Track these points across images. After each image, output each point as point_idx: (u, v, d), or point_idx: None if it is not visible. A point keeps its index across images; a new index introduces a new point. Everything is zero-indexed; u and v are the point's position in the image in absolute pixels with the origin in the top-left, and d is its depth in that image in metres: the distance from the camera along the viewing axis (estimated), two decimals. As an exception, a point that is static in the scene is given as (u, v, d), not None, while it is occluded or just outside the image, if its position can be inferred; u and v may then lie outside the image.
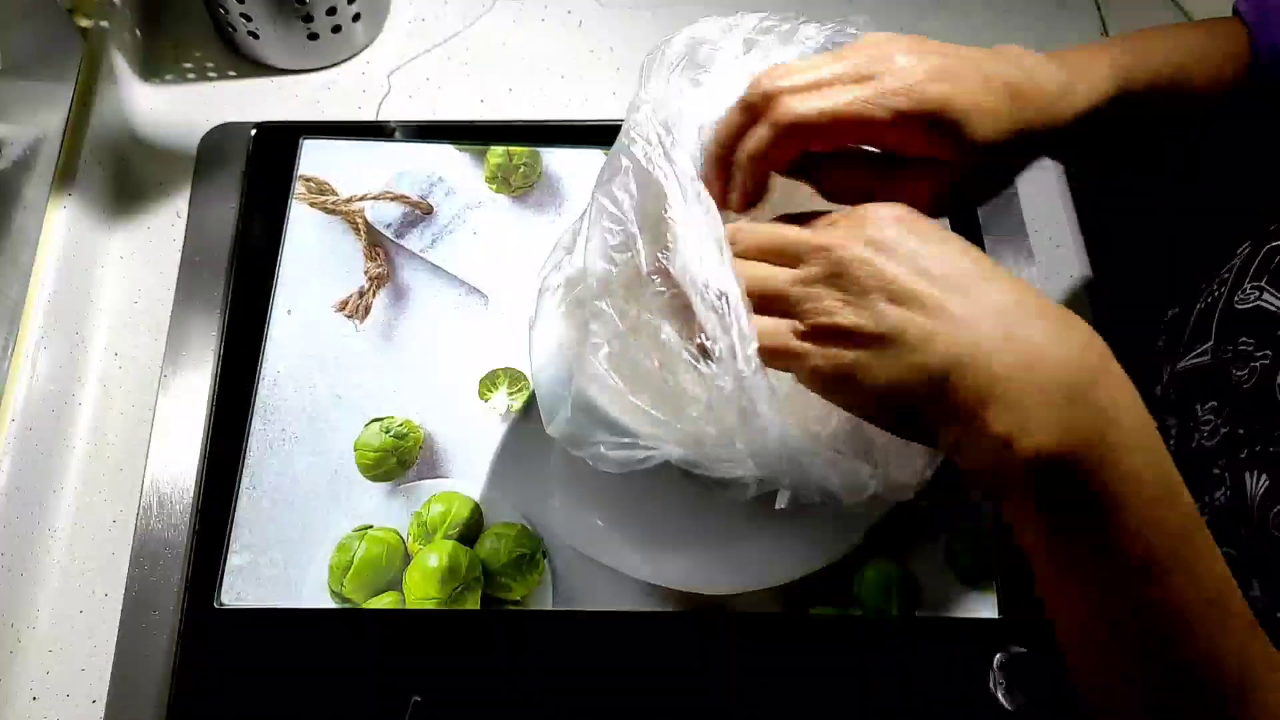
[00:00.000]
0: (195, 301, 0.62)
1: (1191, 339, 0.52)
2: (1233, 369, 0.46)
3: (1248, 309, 0.46)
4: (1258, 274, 0.47)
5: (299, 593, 0.53)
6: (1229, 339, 0.47)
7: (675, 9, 0.76)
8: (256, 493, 0.55)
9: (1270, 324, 0.44)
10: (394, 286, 0.62)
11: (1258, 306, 0.45)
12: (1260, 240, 0.48)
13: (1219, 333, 0.48)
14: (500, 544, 0.54)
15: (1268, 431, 0.43)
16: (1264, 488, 0.42)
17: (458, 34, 0.74)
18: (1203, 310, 0.52)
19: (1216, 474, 0.46)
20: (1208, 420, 0.48)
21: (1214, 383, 0.48)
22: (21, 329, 0.55)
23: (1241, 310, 0.47)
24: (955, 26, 0.75)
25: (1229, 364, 0.46)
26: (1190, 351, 0.51)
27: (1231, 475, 0.45)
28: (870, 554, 0.55)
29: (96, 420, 0.59)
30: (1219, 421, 0.47)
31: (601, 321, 0.39)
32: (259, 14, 0.65)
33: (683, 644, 0.54)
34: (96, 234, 0.63)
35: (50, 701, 0.52)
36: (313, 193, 0.64)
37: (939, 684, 0.53)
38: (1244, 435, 0.45)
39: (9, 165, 0.55)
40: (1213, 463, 0.47)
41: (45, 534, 0.55)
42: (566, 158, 0.66)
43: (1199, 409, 0.49)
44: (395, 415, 0.57)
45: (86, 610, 0.54)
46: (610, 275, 0.39)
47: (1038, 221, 0.68)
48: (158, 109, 0.69)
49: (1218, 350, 0.48)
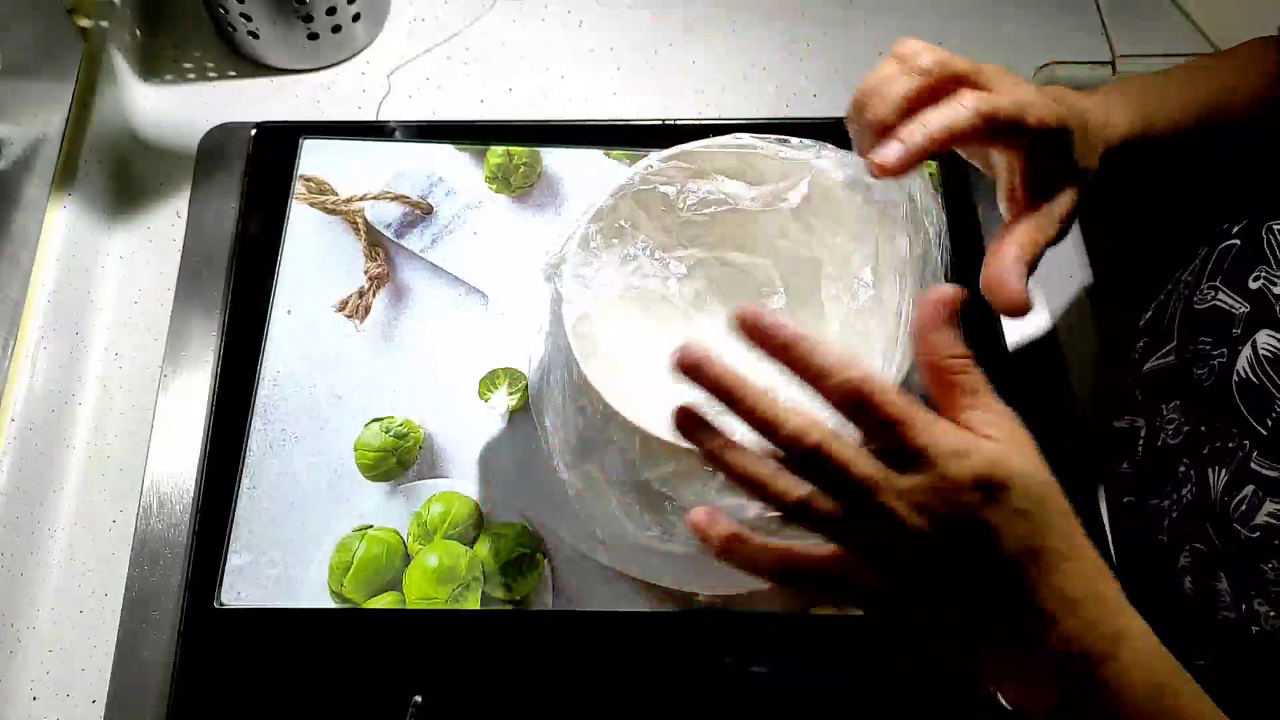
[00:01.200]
0: (195, 301, 0.62)
1: (1157, 341, 0.52)
2: (1194, 368, 0.47)
3: (1205, 309, 0.47)
4: (1213, 274, 0.48)
5: (299, 593, 0.53)
6: (1190, 339, 0.48)
7: (675, 9, 0.76)
8: (256, 493, 0.55)
9: (1225, 323, 0.45)
10: (394, 286, 0.62)
11: (1214, 306, 0.47)
12: (1215, 240, 0.49)
13: (1180, 333, 0.49)
14: (500, 544, 0.54)
15: (1226, 428, 0.44)
16: (1224, 482, 0.43)
17: (458, 34, 0.74)
18: (1167, 312, 0.52)
19: (1182, 472, 0.47)
20: (1172, 420, 0.49)
21: (1177, 382, 0.49)
22: (21, 329, 0.55)
23: (1200, 310, 0.48)
24: (954, 26, 0.75)
25: (1190, 363, 0.47)
26: (1155, 353, 0.52)
27: (1196, 472, 0.46)
28: (870, 554, 0.55)
29: (96, 420, 0.59)
30: (1182, 420, 0.48)
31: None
32: (259, 14, 0.65)
33: (682, 644, 0.54)
34: (96, 234, 0.63)
35: (50, 701, 0.52)
36: (313, 193, 0.64)
37: (939, 684, 0.53)
38: (1204, 432, 0.46)
39: (9, 165, 0.55)
40: (1178, 461, 0.48)
41: (45, 534, 0.55)
42: (566, 158, 0.66)
43: (1164, 409, 0.50)
44: (395, 415, 0.57)
45: (86, 610, 0.54)
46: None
47: (1038, 221, 0.68)
48: (158, 109, 0.69)
49: (1180, 350, 0.49)
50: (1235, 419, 0.43)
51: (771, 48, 0.74)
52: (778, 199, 0.49)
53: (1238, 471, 0.42)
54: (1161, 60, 0.74)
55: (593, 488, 0.47)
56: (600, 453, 0.45)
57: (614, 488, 0.45)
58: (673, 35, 0.75)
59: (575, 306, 0.45)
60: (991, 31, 0.75)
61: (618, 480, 0.45)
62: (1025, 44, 0.75)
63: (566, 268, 0.46)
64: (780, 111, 0.71)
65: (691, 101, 0.72)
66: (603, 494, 0.46)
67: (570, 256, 0.46)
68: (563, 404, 0.47)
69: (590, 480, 0.47)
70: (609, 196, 0.49)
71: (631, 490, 0.45)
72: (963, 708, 0.53)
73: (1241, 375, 0.43)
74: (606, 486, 0.46)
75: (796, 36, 0.75)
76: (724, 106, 0.71)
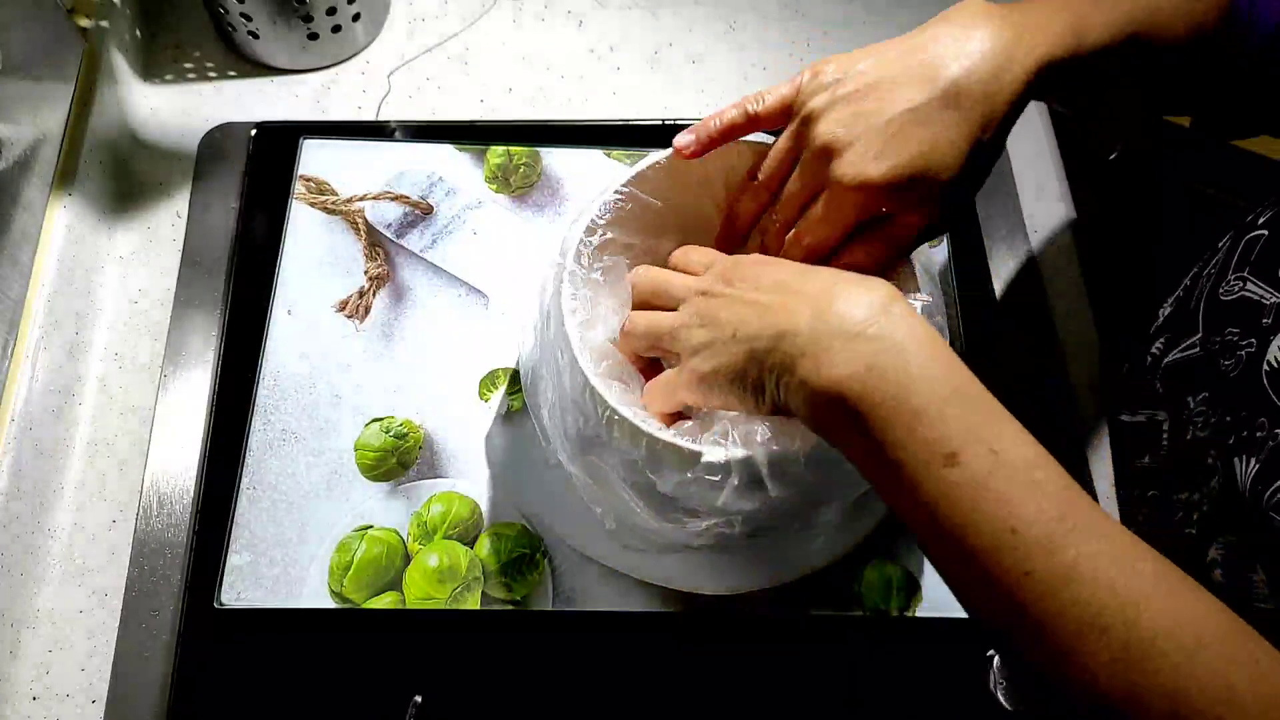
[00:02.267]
0: (195, 301, 0.62)
1: (1179, 333, 0.52)
2: (1220, 359, 0.47)
3: (1233, 300, 0.47)
4: (1239, 265, 0.48)
5: (299, 593, 0.53)
6: (1216, 330, 0.48)
7: (675, 9, 0.76)
8: (256, 493, 0.55)
9: (1255, 312, 0.45)
10: (394, 286, 0.62)
11: (1242, 297, 0.46)
12: (1241, 231, 0.48)
13: (1206, 325, 0.49)
14: (500, 544, 0.54)
15: (1254, 417, 0.44)
16: (1254, 471, 0.43)
17: (458, 34, 0.74)
18: (1189, 304, 0.52)
19: (1210, 463, 0.47)
20: (1200, 412, 0.49)
21: (1203, 374, 0.49)
22: (21, 329, 0.55)
23: (1226, 301, 0.48)
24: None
25: (1217, 355, 0.47)
26: (1177, 345, 0.52)
27: (1223, 464, 0.46)
28: (870, 554, 0.55)
29: (96, 420, 0.59)
30: (1209, 412, 0.47)
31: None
32: (259, 14, 0.65)
33: (683, 644, 0.54)
34: (96, 234, 0.63)
35: (50, 701, 0.52)
36: (313, 193, 0.64)
37: (938, 684, 0.53)
38: (1231, 422, 0.45)
39: (9, 165, 0.55)
40: (1205, 453, 0.48)
41: (45, 534, 0.55)
42: (566, 158, 0.66)
43: (1190, 401, 0.50)
44: (395, 415, 0.57)
45: (86, 610, 0.54)
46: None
47: (1037, 221, 0.68)
48: (158, 109, 0.69)
49: (1206, 342, 0.49)
50: (1266, 408, 0.43)
51: (771, 48, 0.74)
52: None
53: (1269, 461, 0.42)
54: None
55: (598, 478, 0.47)
56: (602, 450, 0.45)
57: (619, 483, 0.45)
58: (673, 35, 0.75)
59: (578, 315, 0.45)
60: (991, 31, 0.75)
61: (622, 478, 0.45)
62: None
63: (566, 274, 0.46)
64: (780, 111, 0.71)
65: (691, 101, 0.72)
66: (607, 484, 0.46)
67: (569, 263, 0.46)
68: (559, 402, 0.47)
69: (595, 470, 0.46)
70: (611, 193, 0.49)
71: (636, 490, 0.45)
72: (963, 708, 0.53)
73: (1273, 365, 0.43)
74: (611, 478, 0.46)
75: (796, 37, 0.75)
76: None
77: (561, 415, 0.46)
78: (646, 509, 0.45)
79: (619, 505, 0.47)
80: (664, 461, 0.42)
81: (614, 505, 0.48)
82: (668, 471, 0.42)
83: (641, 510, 0.46)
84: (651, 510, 0.45)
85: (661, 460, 0.42)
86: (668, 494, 0.43)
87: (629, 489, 0.45)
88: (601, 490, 0.48)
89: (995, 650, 0.52)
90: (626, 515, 0.48)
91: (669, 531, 0.46)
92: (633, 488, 0.45)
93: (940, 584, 0.54)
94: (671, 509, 0.45)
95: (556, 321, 0.45)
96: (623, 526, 0.50)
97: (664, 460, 0.42)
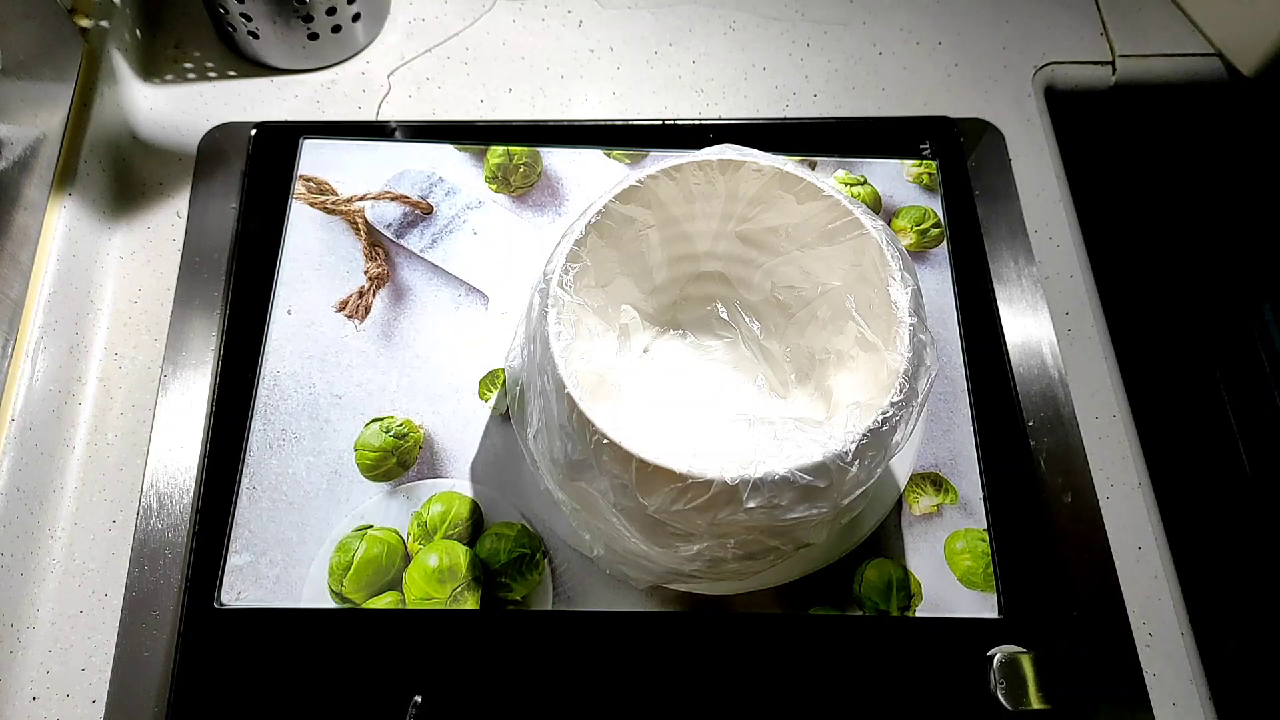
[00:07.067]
0: (195, 301, 0.62)
1: None
2: None
3: None
4: None
5: (299, 593, 0.53)
6: None
7: (675, 9, 0.76)
8: (256, 493, 0.55)
9: None
10: (394, 286, 0.62)
11: None
12: None
13: None
14: (500, 544, 0.54)
15: None
16: None
17: (458, 34, 0.74)
18: None
19: None
20: None
21: None
22: (21, 329, 0.55)
23: None
24: (954, 25, 0.75)
25: None
26: None
27: None
28: (870, 554, 0.55)
29: (96, 420, 0.59)
30: None
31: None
32: (259, 14, 0.65)
33: (683, 644, 0.54)
34: (96, 234, 0.63)
35: (50, 701, 0.52)
36: (312, 193, 0.64)
37: (939, 684, 0.53)
38: None
39: (9, 165, 0.55)
40: None
41: (45, 534, 0.55)
42: (566, 158, 0.66)
43: None
44: (395, 415, 0.57)
45: (86, 610, 0.54)
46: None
47: (1037, 221, 0.68)
48: (158, 109, 0.69)
49: None
50: None
51: (771, 48, 0.74)
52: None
53: None
54: (1162, 60, 0.74)
55: (587, 504, 0.47)
56: (592, 475, 0.44)
57: (608, 509, 0.45)
58: (673, 35, 0.75)
59: (563, 340, 0.45)
60: (991, 31, 0.75)
61: (613, 503, 0.44)
62: (1025, 44, 0.75)
63: (552, 294, 0.45)
64: (780, 111, 0.71)
65: (691, 101, 0.72)
66: (597, 510, 0.46)
67: (554, 289, 0.46)
68: (545, 427, 0.46)
69: (584, 496, 0.46)
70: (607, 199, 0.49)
71: (626, 515, 0.45)
72: (963, 708, 0.53)
73: None
74: (601, 504, 0.45)
75: (796, 36, 0.75)
76: (724, 106, 0.71)
77: (549, 441, 0.46)
78: (638, 534, 0.45)
79: (609, 531, 0.47)
80: (654, 484, 0.41)
81: (604, 531, 0.48)
82: (657, 495, 0.41)
83: (632, 536, 0.45)
84: (643, 535, 0.45)
85: (652, 483, 0.41)
86: (658, 518, 0.43)
87: (619, 514, 0.44)
88: (591, 516, 0.47)
89: None
90: (617, 540, 0.47)
91: (660, 556, 0.46)
92: (623, 513, 0.44)
93: (940, 584, 0.55)
94: (663, 533, 0.44)
95: (543, 345, 0.45)
96: (612, 553, 0.50)
97: (654, 482, 0.41)
